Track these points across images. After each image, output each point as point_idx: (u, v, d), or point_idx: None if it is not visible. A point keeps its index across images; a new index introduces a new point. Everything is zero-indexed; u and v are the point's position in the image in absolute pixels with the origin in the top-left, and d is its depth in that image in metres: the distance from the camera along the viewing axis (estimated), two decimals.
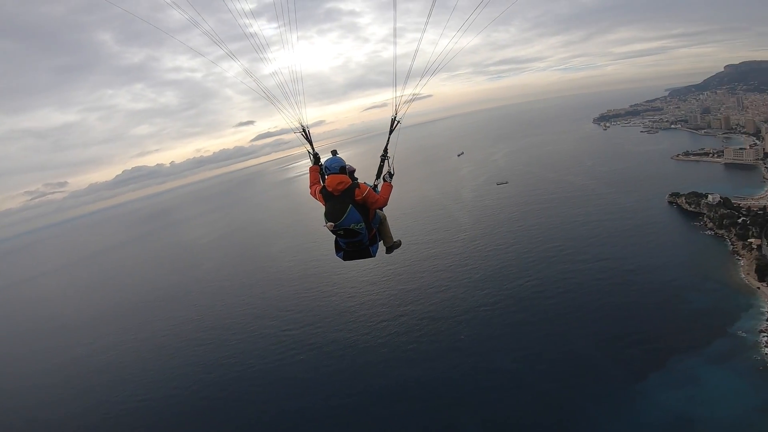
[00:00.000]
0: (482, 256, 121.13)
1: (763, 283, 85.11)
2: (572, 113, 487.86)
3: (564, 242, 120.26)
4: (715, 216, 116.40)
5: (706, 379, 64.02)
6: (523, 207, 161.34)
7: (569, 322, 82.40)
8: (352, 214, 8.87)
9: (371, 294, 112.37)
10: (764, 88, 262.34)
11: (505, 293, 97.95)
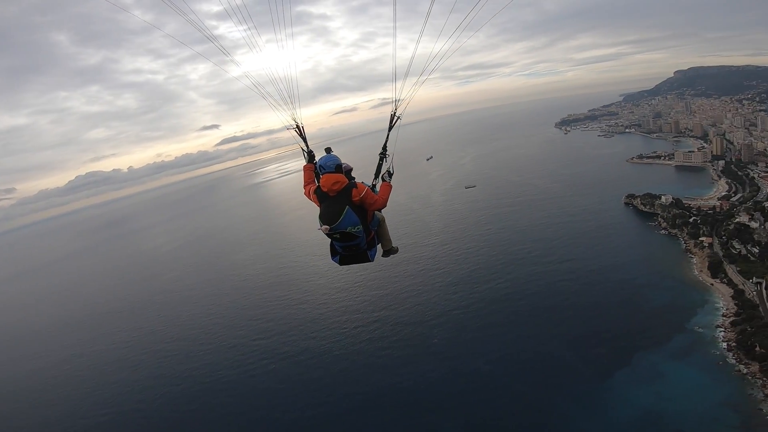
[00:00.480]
0: (453, 259, 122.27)
1: (715, 280, 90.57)
2: (536, 118, 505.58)
3: (531, 244, 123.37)
4: (668, 216, 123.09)
5: (670, 374, 66.88)
6: (491, 210, 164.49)
7: (540, 323, 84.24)
8: (349, 216, 8.30)
9: (343, 300, 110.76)
10: (710, 92, 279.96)
11: (477, 296, 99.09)
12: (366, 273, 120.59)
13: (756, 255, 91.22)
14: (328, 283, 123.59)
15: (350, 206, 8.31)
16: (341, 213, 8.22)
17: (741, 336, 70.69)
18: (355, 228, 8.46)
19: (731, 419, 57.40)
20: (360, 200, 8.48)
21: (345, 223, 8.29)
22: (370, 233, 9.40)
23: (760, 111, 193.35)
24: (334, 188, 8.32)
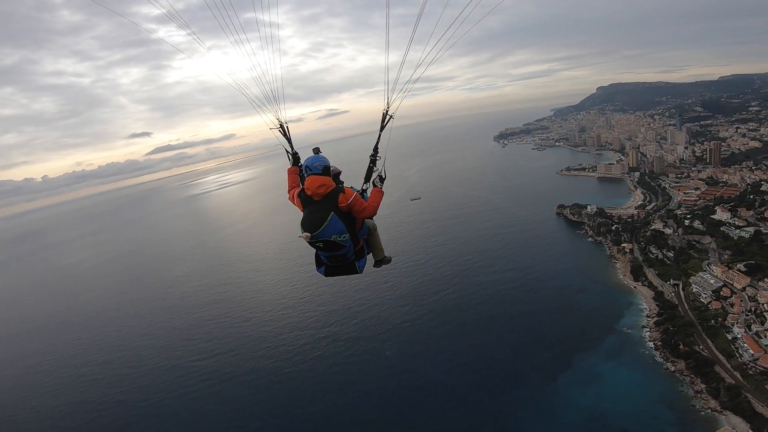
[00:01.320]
0: (400, 272, 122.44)
1: (638, 283, 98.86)
2: (477, 131, 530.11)
3: (475, 255, 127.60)
4: (593, 224, 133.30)
5: (607, 375, 71.61)
6: (436, 222, 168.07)
7: (487, 332, 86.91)
8: (334, 224, 7.52)
9: (290, 317, 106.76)
10: (627, 108, 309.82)
11: (426, 308, 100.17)
12: (312, 288, 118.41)
13: (671, 259, 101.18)
14: (273, 300, 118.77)
15: (336, 213, 7.54)
16: (325, 220, 7.45)
17: (665, 335, 77.26)
18: (341, 237, 7.69)
19: (668, 416, 61.78)
20: (347, 207, 7.71)
21: (329, 231, 7.53)
22: (359, 242, 8.64)
23: (669, 125, 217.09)
24: (319, 192, 7.58)
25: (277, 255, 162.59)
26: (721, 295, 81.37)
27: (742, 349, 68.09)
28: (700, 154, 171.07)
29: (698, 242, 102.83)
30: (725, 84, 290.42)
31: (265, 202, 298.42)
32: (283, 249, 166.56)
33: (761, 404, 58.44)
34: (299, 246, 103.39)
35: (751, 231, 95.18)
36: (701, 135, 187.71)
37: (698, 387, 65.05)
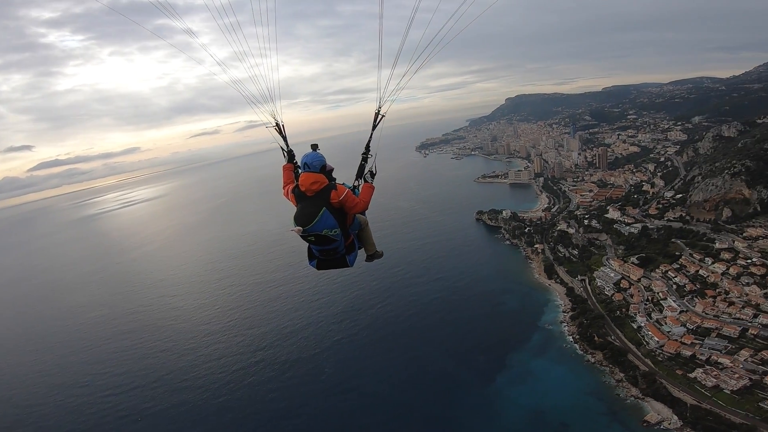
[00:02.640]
0: (332, 288, 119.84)
1: (551, 281, 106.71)
2: (399, 141, 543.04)
3: (405, 266, 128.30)
4: (509, 228, 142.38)
5: (538, 371, 75.67)
6: None
7: (423, 341, 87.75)
8: (326, 219, 7.80)
9: (216, 344, 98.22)
10: (531, 118, 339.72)
11: (362, 323, 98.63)
12: (239, 311, 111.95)
13: (576, 256, 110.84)
14: (194, 326, 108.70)
15: (327, 208, 7.82)
16: (316, 215, 7.71)
17: (581, 328, 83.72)
18: (332, 231, 7.96)
19: (598, 406, 66.09)
20: (339, 202, 7.97)
21: (320, 225, 7.79)
22: (349, 237, 8.96)
23: (565, 134, 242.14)
24: (313, 188, 7.86)
25: (195, 277, 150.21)
26: (621, 287, 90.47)
27: (648, 337, 75.32)
28: (591, 159, 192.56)
29: (597, 239, 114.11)
30: (607, 94, 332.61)
31: (178, 220, 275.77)
32: (203, 270, 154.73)
33: (677, 389, 64.47)
34: (222, 266, 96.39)
35: (639, 227, 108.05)
36: (591, 142, 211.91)
37: (618, 376, 70.66)
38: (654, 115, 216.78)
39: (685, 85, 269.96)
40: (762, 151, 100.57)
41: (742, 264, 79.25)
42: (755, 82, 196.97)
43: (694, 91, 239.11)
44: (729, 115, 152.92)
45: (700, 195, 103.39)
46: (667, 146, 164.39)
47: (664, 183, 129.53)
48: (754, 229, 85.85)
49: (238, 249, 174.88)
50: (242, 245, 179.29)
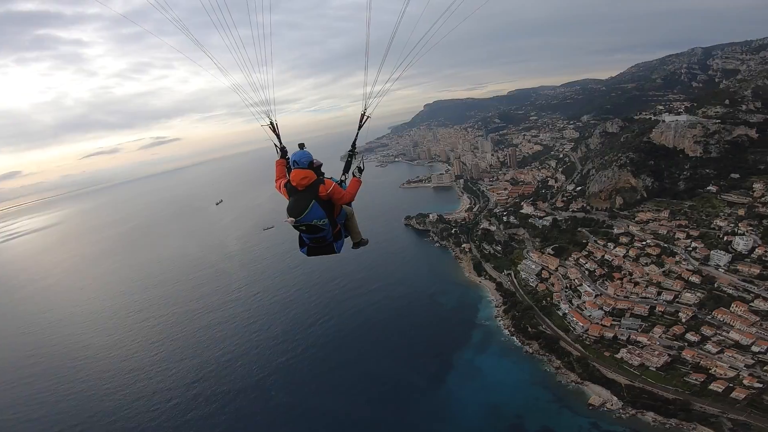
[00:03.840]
0: (268, 308, 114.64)
1: (481, 278, 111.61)
2: (324, 152, 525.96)
3: (341, 277, 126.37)
4: (437, 231, 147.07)
5: (484, 367, 78.06)
6: (294, 249, 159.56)
7: (371, 352, 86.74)
8: (315, 210, 8.56)
9: (145, 379, 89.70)
10: (448, 122, 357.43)
11: (304, 341, 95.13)
12: (167, 344, 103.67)
13: (500, 252, 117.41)
14: (112, 364, 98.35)
15: (316, 200, 8.53)
16: (307, 207, 8.45)
17: (514, 321, 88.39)
18: (321, 221, 8.71)
19: (545, 395, 69.55)
20: (327, 195, 8.69)
21: (310, 216, 8.54)
22: (337, 226, 9.52)
23: (479, 136, 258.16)
24: (303, 183, 8.57)
25: (106, 311, 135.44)
26: (542, 278, 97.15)
27: (573, 323, 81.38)
28: (503, 159, 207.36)
29: (516, 234, 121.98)
30: (512, 98, 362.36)
31: (77, 250, 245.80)
32: (114, 304, 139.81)
33: (609, 370, 69.90)
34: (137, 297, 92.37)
35: (550, 219, 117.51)
36: (501, 143, 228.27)
37: (556, 363, 75.27)
38: (551, 115, 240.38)
39: (574, 87, 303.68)
40: (641, 143, 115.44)
41: (639, 246, 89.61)
42: (629, 82, 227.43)
43: (581, 92, 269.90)
44: (611, 113, 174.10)
45: (595, 186, 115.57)
46: (564, 144, 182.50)
47: (565, 177, 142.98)
48: (643, 214, 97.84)
49: (154, 278, 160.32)
50: (159, 273, 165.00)
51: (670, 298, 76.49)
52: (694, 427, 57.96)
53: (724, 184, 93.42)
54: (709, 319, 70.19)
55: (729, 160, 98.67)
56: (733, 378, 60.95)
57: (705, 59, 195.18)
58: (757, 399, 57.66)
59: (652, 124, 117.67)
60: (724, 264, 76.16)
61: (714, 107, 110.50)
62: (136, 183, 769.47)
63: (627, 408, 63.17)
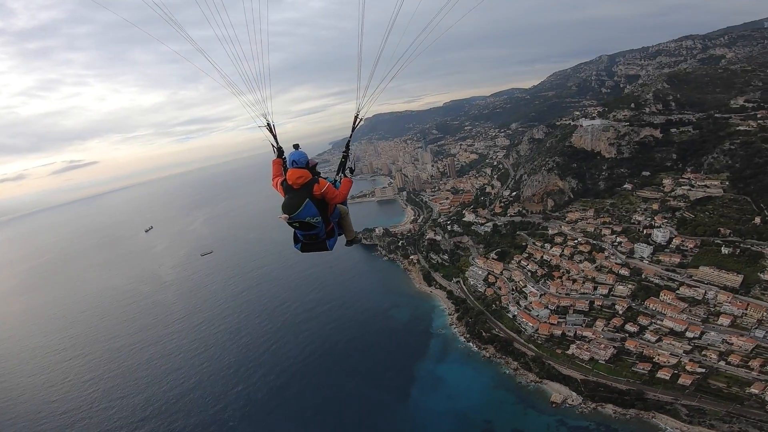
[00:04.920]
0: (216, 337, 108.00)
1: (432, 287, 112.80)
2: (265, 171, 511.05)
3: (292, 299, 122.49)
4: (384, 244, 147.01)
5: (447, 376, 78.00)
6: (240, 274, 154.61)
7: (331, 371, 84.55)
8: (308, 208, 8.82)
9: (83, 419, 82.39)
10: (388, 135, 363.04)
11: (260, 368, 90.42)
12: (103, 382, 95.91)
13: (447, 261, 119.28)
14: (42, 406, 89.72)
15: (310, 199, 8.83)
16: (300, 205, 8.71)
17: (468, 327, 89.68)
18: (314, 219, 8.99)
19: (510, 397, 70.68)
20: (321, 194, 9.02)
21: (304, 213, 8.81)
22: (330, 224, 9.83)
23: (418, 148, 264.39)
24: (298, 182, 8.88)
25: (24, 351, 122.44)
26: (489, 282, 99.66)
27: (524, 324, 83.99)
28: (443, 170, 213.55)
29: (461, 242, 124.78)
30: (448, 109, 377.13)
31: None
32: (33, 341, 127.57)
33: (563, 367, 72.40)
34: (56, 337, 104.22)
35: (491, 225, 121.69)
36: (440, 153, 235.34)
37: (513, 365, 77.05)
38: (484, 124, 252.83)
39: (502, 96, 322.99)
40: (564, 148, 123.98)
41: (572, 245, 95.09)
42: (549, 90, 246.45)
43: (509, 101, 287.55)
44: (536, 120, 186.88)
45: (528, 191, 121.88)
46: (497, 151, 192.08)
47: (500, 184, 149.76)
48: (572, 214, 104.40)
49: (77, 314, 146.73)
50: (82, 308, 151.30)
51: (605, 292, 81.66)
52: (653, 416, 61.36)
53: (637, 182, 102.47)
54: (643, 309, 75.67)
55: (639, 159, 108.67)
56: (676, 365, 65.60)
57: (611, 66, 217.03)
58: (704, 384, 62.37)
59: (572, 129, 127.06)
60: (648, 256, 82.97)
61: (622, 111, 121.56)
62: (49, 212, 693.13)
63: (587, 402, 65.91)
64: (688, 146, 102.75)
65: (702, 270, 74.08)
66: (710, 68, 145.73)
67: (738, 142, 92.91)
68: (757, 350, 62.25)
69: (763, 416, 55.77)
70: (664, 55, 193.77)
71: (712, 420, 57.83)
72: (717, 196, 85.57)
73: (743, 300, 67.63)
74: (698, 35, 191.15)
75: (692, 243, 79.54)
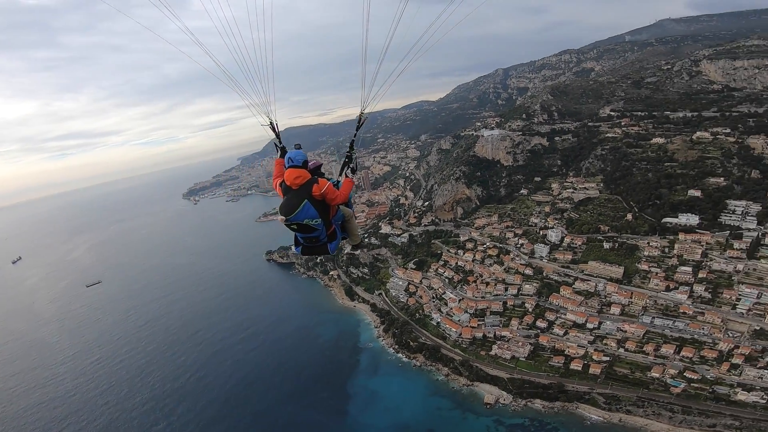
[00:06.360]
0: (120, 374, 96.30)
1: (355, 302, 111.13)
2: (161, 190, 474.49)
3: (205, 327, 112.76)
4: (302, 262, 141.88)
5: (381, 390, 76.74)
6: (139, 305, 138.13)
7: (264, 399, 79.28)
8: (307, 210, 8.30)
9: None
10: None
11: (181, 402, 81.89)
12: None
13: (368, 274, 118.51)
14: None
15: (309, 200, 8.36)
16: (298, 206, 8.28)
17: (395, 338, 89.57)
18: (313, 221, 8.54)
19: (446, 403, 71.20)
20: (320, 195, 8.53)
21: (301, 215, 8.36)
22: (331, 227, 9.36)
23: (332, 161, 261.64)
24: (296, 182, 8.46)
25: None
26: (410, 292, 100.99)
27: (447, 330, 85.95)
28: (358, 182, 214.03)
29: (379, 254, 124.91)
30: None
31: None
32: None
33: (490, 368, 75.11)
34: None
35: (407, 236, 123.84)
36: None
37: (444, 371, 78.32)
38: (395, 136, 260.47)
39: (412, 109, 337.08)
40: (469, 157, 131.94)
41: (482, 249, 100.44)
42: (453, 102, 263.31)
43: (418, 113, 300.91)
44: (443, 131, 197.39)
45: (439, 200, 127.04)
46: (408, 162, 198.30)
47: (413, 194, 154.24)
48: (480, 220, 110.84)
49: None
50: None
51: (515, 291, 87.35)
52: (577, 407, 66.03)
53: (531, 187, 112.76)
54: (548, 305, 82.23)
55: (532, 165, 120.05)
56: (584, 355, 71.75)
57: (505, 79, 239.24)
58: (611, 371, 68.80)
59: (475, 139, 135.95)
60: (546, 255, 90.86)
61: (516, 121, 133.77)
62: None
63: (517, 400, 69.20)
64: (569, 153, 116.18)
65: (591, 264, 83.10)
66: (583, 80, 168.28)
67: (608, 147, 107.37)
68: (648, 335, 70.76)
69: (670, 398, 62.64)
70: (548, 69, 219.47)
71: (628, 406, 64.02)
72: (595, 197, 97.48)
73: (627, 289, 77.15)
74: (574, 50, 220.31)
75: (580, 240, 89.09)
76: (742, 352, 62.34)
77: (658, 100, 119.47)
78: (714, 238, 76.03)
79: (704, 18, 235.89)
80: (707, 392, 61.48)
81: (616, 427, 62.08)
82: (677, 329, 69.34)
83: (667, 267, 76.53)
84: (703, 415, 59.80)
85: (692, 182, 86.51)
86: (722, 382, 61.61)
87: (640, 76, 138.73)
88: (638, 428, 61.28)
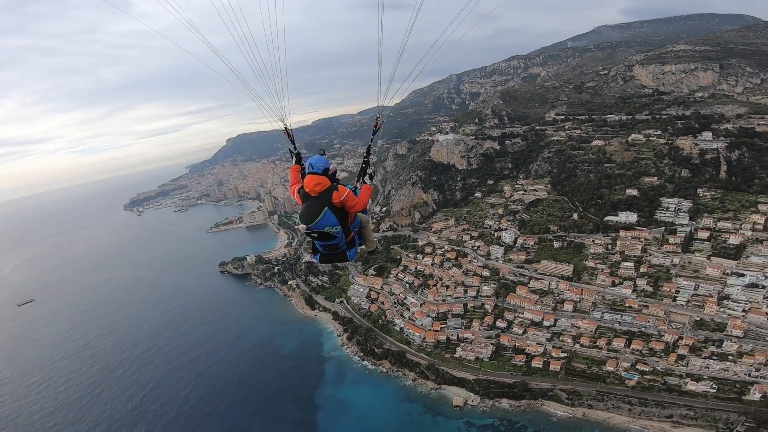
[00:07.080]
0: (66, 396, 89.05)
1: (316, 311, 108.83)
2: (100, 201, 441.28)
3: (158, 344, 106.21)
4: (258, 272, 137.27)
5: (350, 398, 75.34)
6: (79, 323, 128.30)
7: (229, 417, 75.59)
8: (328, 217, 8.23)
9: None
10: (255, 156, 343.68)
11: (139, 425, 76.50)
12: None
13: (328, 282, 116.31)
14: None
15: (329, 207, 8.28)
16: (319, 213, 8.18)
17: (360, 345, 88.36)
18: (333, 228, 8.46)
19: (416, 408, 71.07)
20: (341, 202, 8.45)
21: (322, 223, 8.28)
22: (350, 234, 9.29)
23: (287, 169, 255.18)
24: (316, 189, 8.27)
25: None
26: (372, 299, 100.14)
27: (411, 335, 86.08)
28: None
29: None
30: (317, 128, 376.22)
31: None
32: None
33: (456, 370, 75.85)
34: None
35: None
36: None
37: (411, 376, 78.19)
38: (352, 142, 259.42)
39: (368, 115, 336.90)
40: (425, 162, 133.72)
41: (440, 253, 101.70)
42: (409, 108, 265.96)
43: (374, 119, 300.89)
44: (399, 136, 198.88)
45: (397, 205, 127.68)
46: None
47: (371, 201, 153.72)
48: (437, 224, 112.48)
49: None
50: None
51: (474, 293, 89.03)
52: (542, 404, 67.90)
53: (485, 190, 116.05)
54: (506, 305, 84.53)
55: (485, 169, 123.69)
56: (543, 353, 74.09)
57: (459, 84, 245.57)
58: (570, 367, 71.33)
59: (430, 144, 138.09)
60: (501, 256, 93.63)
61: (469, 126, 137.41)
62: None
63: (485, 400, 70.26)
64: (519, 156, 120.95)
65: (543, 264, 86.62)
66: (531, 85, 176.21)
67: (553, 150, 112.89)
68: (600, 330, 74.45)
69: (626, 391, 65.85)
70: (498, 74, 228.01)
71: (589, 400, 66.64)
72: (544, 198, 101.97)
73: (578, 286, 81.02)
74: (522, 55, 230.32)
75: (532, 240, 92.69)
76: (686, 343, 66.79)
77: (597, 104, 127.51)
78: (651, 234, 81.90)
79: (636, 24, 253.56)
80: (660, 384, 65.13)
81: (581, 421, 64.64)
82: (626, 323, 73.67)
83: (611, 263, 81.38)
84: (659, 407, 63.35)
85: (629, 182, 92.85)
86: (672, 373, 65.47)
87: (581, 81, 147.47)
88: (601, 422, 64.08)
